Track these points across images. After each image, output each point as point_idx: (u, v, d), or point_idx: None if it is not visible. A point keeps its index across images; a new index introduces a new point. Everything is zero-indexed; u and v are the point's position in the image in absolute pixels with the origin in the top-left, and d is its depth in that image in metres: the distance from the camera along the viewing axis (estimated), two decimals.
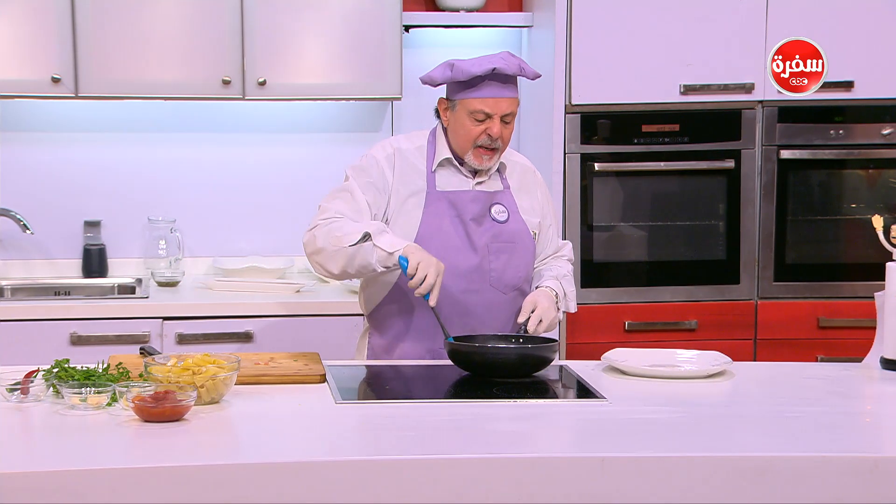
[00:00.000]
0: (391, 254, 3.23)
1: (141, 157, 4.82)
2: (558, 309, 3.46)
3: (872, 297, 3.37)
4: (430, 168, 3.45)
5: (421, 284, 3.18)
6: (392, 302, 3.45)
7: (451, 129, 3.43)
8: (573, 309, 3.56)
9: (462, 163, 3.45)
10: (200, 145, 4.86)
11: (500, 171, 3.51)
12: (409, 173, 3.44)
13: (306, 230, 3.40)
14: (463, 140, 3.40)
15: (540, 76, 3.46)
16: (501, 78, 3.34)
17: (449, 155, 3.44)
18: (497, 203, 3.47)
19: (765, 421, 2.88)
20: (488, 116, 3.35)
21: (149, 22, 4.43)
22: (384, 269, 3.28)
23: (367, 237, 3.23)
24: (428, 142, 3.49)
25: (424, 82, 3.45)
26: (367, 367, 3.40)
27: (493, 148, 3.39)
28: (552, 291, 3.45)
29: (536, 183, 3.59)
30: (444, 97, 3.44)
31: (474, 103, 3.35)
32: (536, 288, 3.48)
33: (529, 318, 3.36)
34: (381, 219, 3.40)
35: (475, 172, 3.46)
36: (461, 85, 3.36)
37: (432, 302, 3.21)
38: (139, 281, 4.67)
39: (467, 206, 3.43)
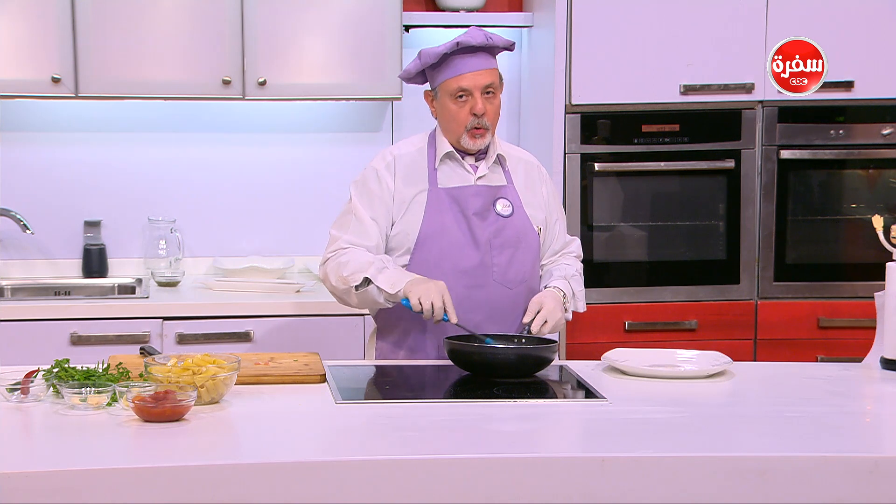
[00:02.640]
0: (394, 294, 3.29)
1: (141, 157, 4.82)
2: (566, 309, 3.46)
3: (872, 297, 3.37)
4: (432, 166, 3.45)
5: (433, 312, 3.24)
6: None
7: (440, 118, 3.46)
8: (582, 308, 3.56)
9: (463, 155, 3.46)
10: (200, 145, 4.86)
11: (502, 164, 3.51)
12: (411, 175, 3.45)
13: (320, 263, 3.49)
14: (453, 126, 3.42)
15: (513, 44, 3.45)
16: (470, 50, 3.36)
17: (450, 149, 3.45)
18: (502, 197, 3.48)
19: (765, 421, 2.88)
20: (468, 93, 3.36)
21: (149, 22, 4.43)
22: (392, 305, 3.37)
23: (367, 282, 3.31)
24: (428, 142, 3.50)
25: (402, 78, 3.52)
26: (368, 367, 3.40)
27: (482, 127, 3.40)
28: (559, 292, 3.45)
29: (541, 178, 3.59)
30: (428, 90, 3.47)
31: (451, 83, 3.38)
32: (544, 288, 3.49)
33: (534, 318, 3.36)
34: (389, 228, 3.44)
35: (476, 167, 3.47)
36: (435, 70, 3.40)
37: (453, 320, 3.26)
38: (139, 281, 4.67)
39: (469, 201, 3.44)
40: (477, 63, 3.37)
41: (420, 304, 3.23)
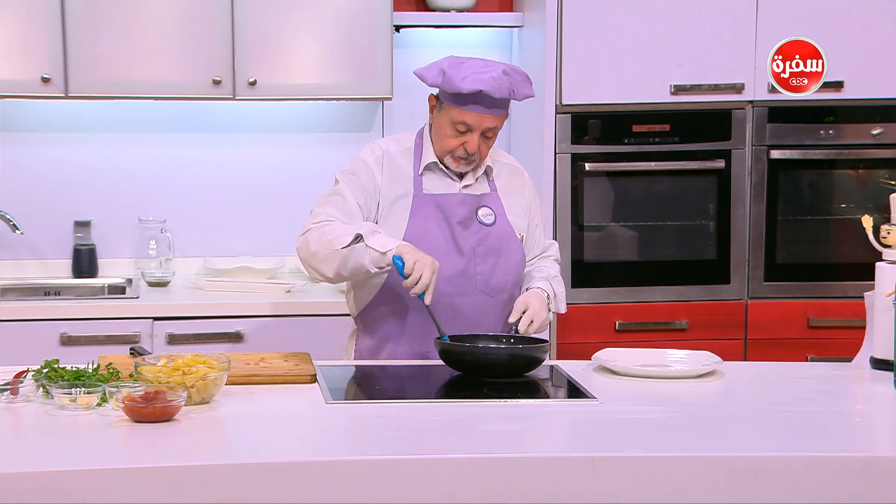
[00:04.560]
0: (384, 254, 3.23)
1: (131, 157, 4.81)
2: (549, 310, 3.46)
3: (862, 297, 3.37)
4: (416, 171, 3.44)
5: (416, 284, 3.18)
6: (381, 304, 3.44)
7: (434, 127, 3.43)
8: (563, 310, 3.56)
9: (447, 165, 3.45)
10: (191, 145, 4.85)
11: (487, 173, 3.51)
12: (397, 176, 3.43)
13: (298, 235, 3.40)
14: (441, 146, 3.40)
15: (532, 96, 3.39)
16: (489, 98, 3.31)
17: (435, 159, 3.44)
18: (484, 206, 3.47)
19: (755, 421, 2.89)
20: (469, 129, 3.34)
21: (139, 22, 4.43)
22: (377, 270, 3.28)
23: (358, 238, 3.22)
24: (415, 143, 3.48)
25: (416, 75, 3.43)
26: (358, 367, 3.39)
27: (470, 160, 3.39)
28: (543, 293, 3.45)
29: (524, 183, 3.59)
30: (435, 94, 3.43)
31: (458, 114, 3.33)
32: (527, 289, 3.49)
33: (520, 318, 3.36)
34: (371, 221, 3.40)
35: (462, 175, 3.46)
36: (449, 93, 3.35)
37: (427, 300, 3.20)
38: (129, 281, 4.66)
39: (454, 210, 3.43)
40: (489, 109, 3.31)
41: (413, 268, 3.17)
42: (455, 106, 3.33)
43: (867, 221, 3.28)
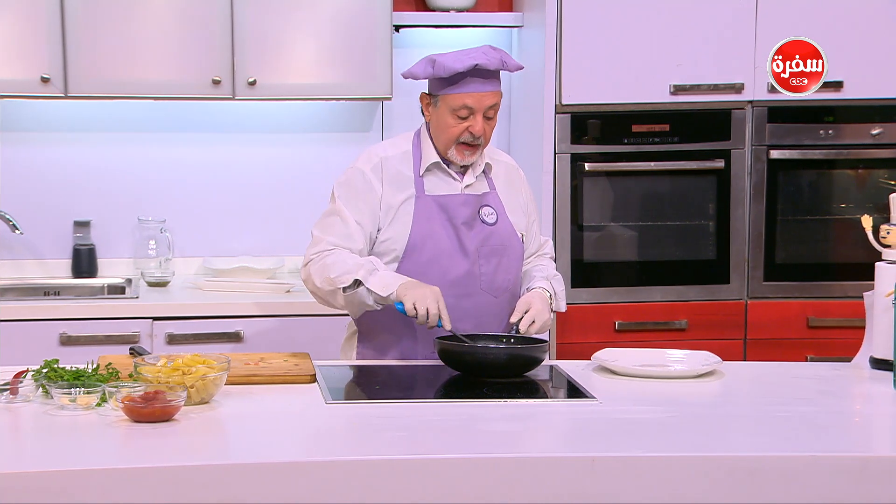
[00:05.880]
0: (385, 297, 3.25)
1: (131, 157, 4.81)
2: (551, 310, 3.45)
3: (862, 297, 3.37)
4: (417, 172, 3.44)
5: (428, 318, 3.21)
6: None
7: (433, 124, 3.43)
8: (563, 308, 3.56)
9: (449, 164, 3.44)
10: (190, 145, 4.85)
11: (486, 171, 3.51)
12: (398, 181, 3.42)
13: (302, 265, 3.43)
14: (445, 137, 3.39)
15: (522, 68, 3.45)
16: (484, 73, 3.33)
17: (436, 158, 3.43)
18: (486, 205, 3.47)
19: (755, 421, 2.89)
20: (471, 112, 3.35)
21: (139, 22, 4.43)
22: (382, 307, 3.32)
23: (357, 284, 3.26)
24: (413, 145, 3.47)
25: (406, 77, 3.45)
26: (357, 367, 3.40)
27: (475, 144, 3.39)
28: (545, 293, 3.44)
29: (520, 181, 3.59)
30: (426, 92, 3.43)
31: (457, 99, 3.33)
32: (528, 289, 3.48)
33: (522, 318, 3.36)
34: (374, 233, 3.40)
35: (463, 174, 3.46)
36: (443, 81, 3.35)
37: (447, 326, 3.23)
38: (129, 281, 4.66)
39: (458, 210, 3.42)
40: (486, 85, 3.34)
41: (415, 309, 3.21)
42: (453, 92, 3.34)
43: (867, 221, 3.28)
